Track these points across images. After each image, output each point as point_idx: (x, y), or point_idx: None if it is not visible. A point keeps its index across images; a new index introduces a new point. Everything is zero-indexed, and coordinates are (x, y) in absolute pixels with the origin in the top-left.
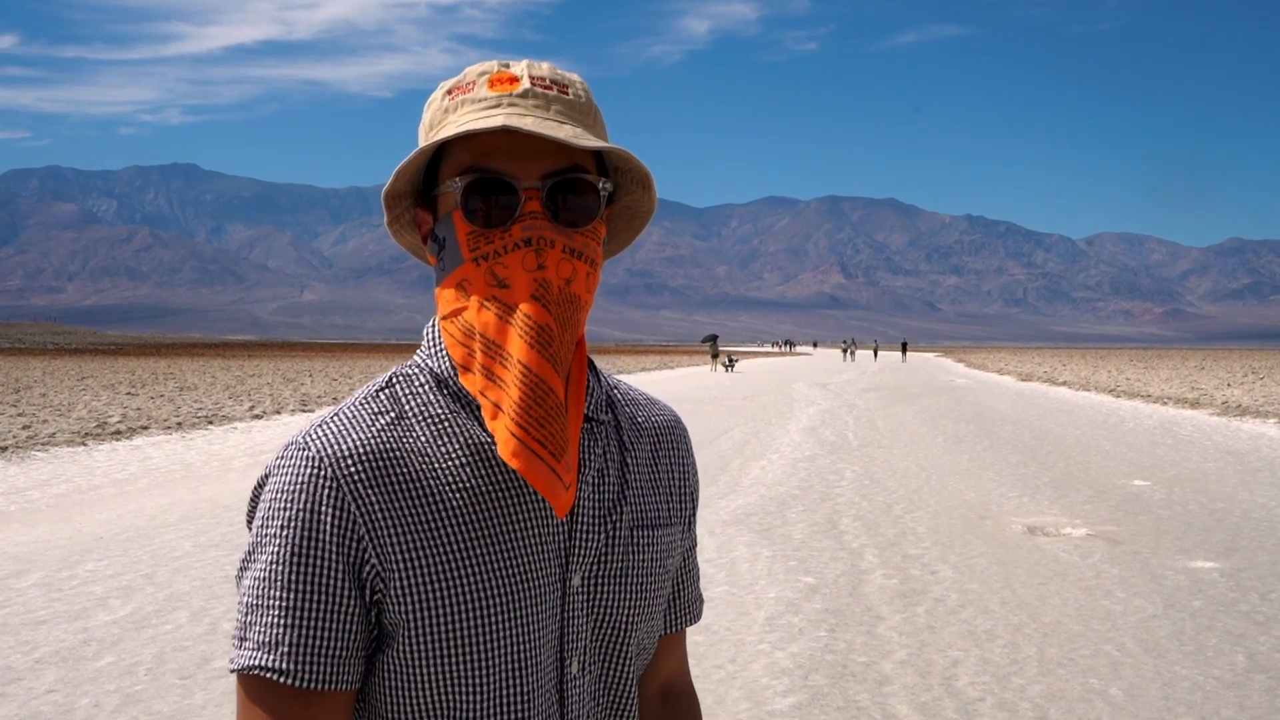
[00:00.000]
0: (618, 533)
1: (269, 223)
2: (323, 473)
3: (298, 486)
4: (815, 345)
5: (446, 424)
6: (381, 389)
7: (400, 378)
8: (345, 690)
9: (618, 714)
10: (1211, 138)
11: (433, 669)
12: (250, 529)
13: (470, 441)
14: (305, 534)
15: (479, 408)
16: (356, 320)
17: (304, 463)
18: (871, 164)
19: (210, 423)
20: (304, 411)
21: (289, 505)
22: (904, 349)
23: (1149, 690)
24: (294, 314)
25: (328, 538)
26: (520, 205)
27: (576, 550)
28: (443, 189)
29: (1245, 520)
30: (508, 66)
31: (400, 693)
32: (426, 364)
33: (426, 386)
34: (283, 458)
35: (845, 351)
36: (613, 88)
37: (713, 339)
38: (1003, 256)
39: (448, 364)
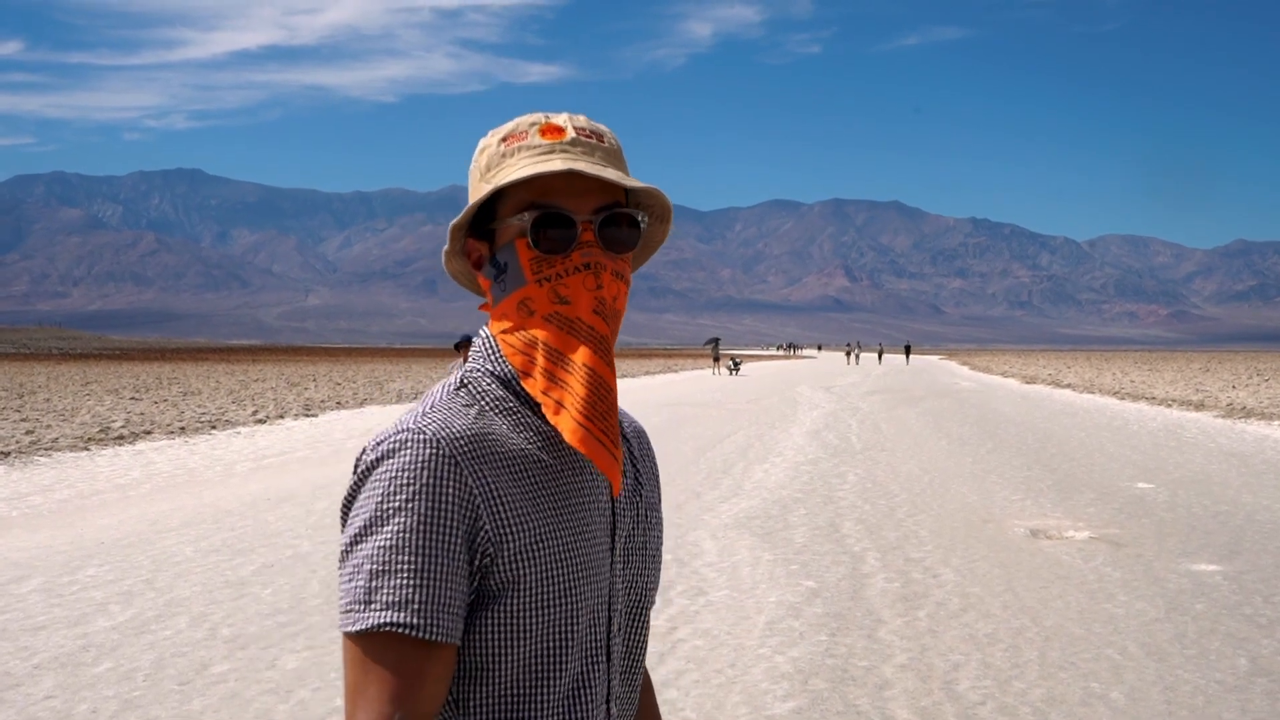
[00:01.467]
0: (638, 511)
1: (273, 227)
2: (440, 452)
3: (420, 465)
4: (820, 348)
5: (518, 415)
6: (459, 389)
7: (469, 379)
8: (456, 642)
9: (634, 672)
10: (1216, 139)
11: (534, 622)
12: (351, 510)
13: (540, 430)
14: (431, 505)
15: (538, 406)
16: (361, 324)
17: (423, 445)
18: (876, 166)
19: (213, 428)
20: (307, 416)
21: (414, 481)
22: (907, 352)
23: (1150, 694)
24: (299, 318)
25: (450, 508)
26: (578, 235)
27: (617, 524)
28: (508, 222)
29: (1249, 522)
30: (552, 118)
31: (500, 645)
32: (487, 368)
33: (494, 386)
34: (396, 443)
35: (849, 354)
36: (616, 91)
37: (714, 341)
38: (1007, 259)
39: (508, 368)
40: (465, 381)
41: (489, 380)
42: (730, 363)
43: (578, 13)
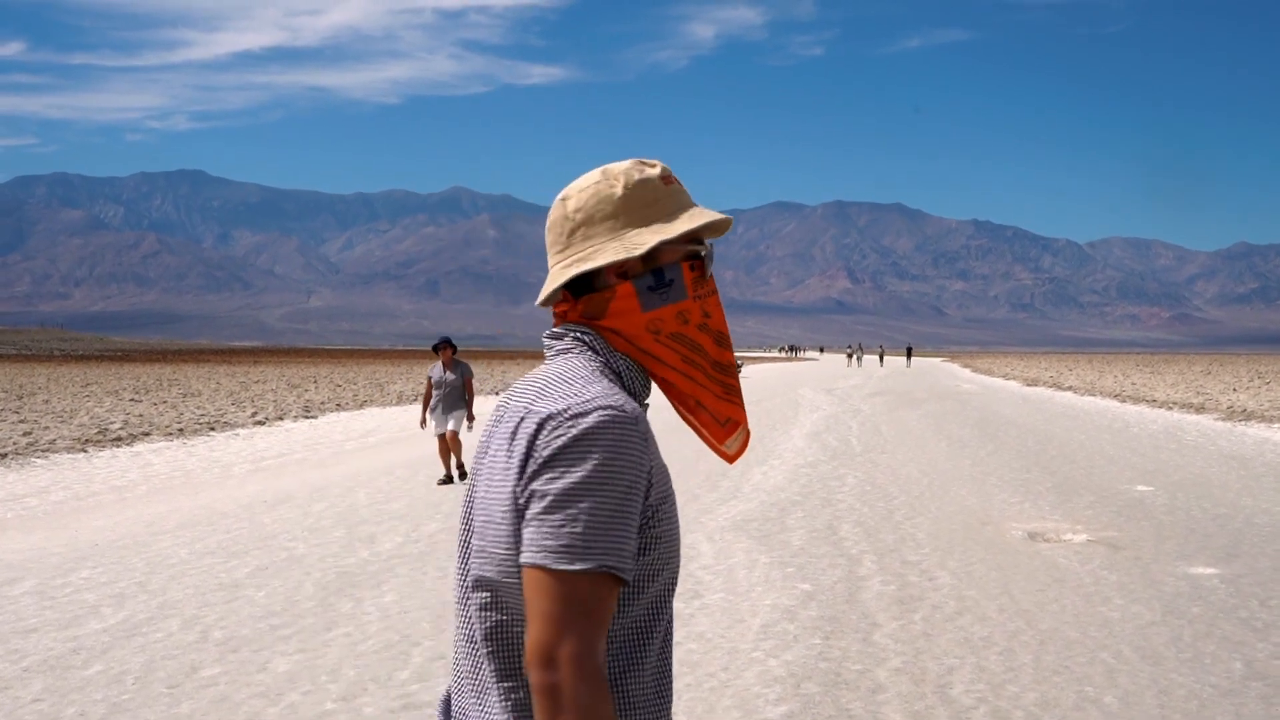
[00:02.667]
0: None
1: (275, 229)
2: (640, 428)
3: (628, 438)
4: (822, 350)
5: (635, 400)
6: (601, 377)
7: (604, 369)
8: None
9: None
10: (1218, 141)
11: (660, 572)
12: (554, 463)
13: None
14: (635, 473)
15: (638, 393)
16: (363, 326)
17: (628, 421)
18: (878, 169)
19: (212, 429)
20: (306, 418)
21: (626, 452)
22: (908, 354)
23: (1144, 698)
24: (301, 320)
25: (641, 475)
26: (710, 265)
27: None
28: (684, 248)
29: (1248, 526)
30: (663, 166)
31: (636, 588)
32: (602, 359)
33: (613, 375)
34: (608, 417)
35: (850, 357)
36: (618, 93)
37: None
38: (1009, 261)
39: (623, 362)
40: (603, 371)
41: (609, 370)
42: None
43: (580, 14)
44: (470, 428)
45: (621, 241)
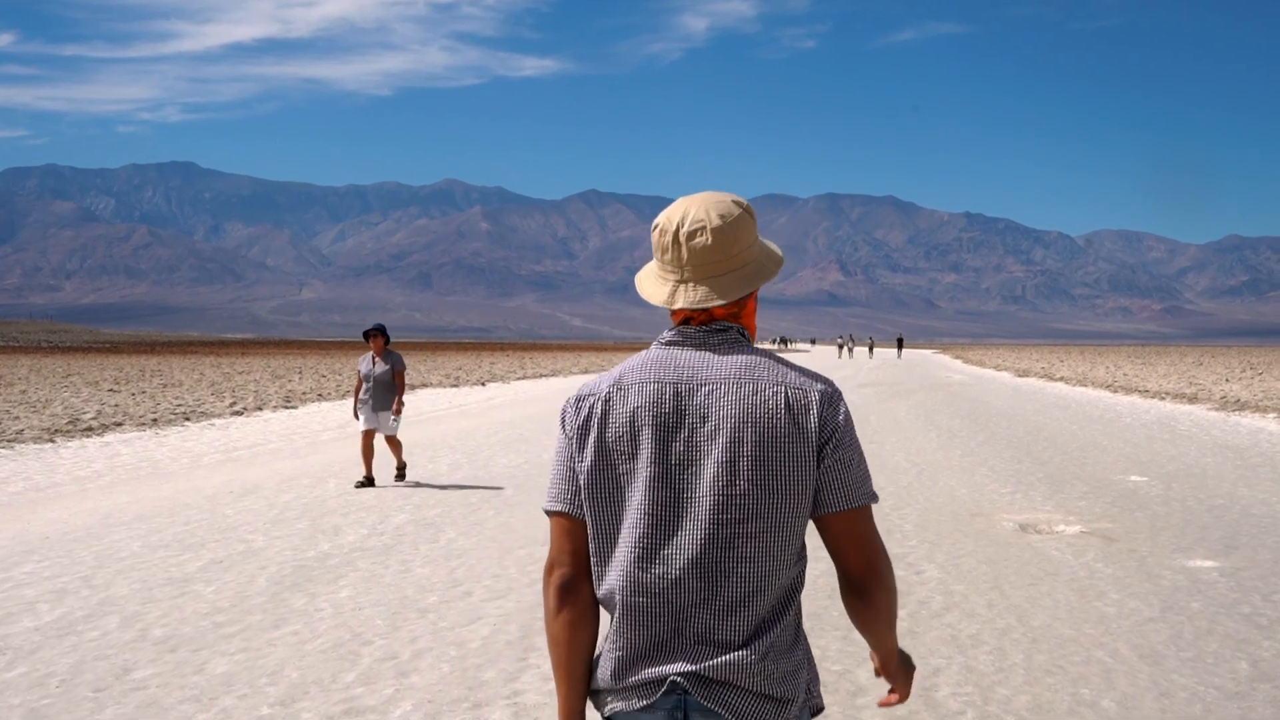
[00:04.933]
0: None
1: (267, 221)
2: None
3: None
4: (813, 342)
5: None
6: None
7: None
8: None
9: None
10: (1210, 135)
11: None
12: (828, 417)
13: None
14: None
15: None
16: (355, 318)
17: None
18: (870, 161)
19: (187, 419)
20: (286, 408)
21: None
22: (899, 345)
23: (1144, 701)
24: (293, 312)
25: None
26: None
27: None
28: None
29: (1245, 517)
30: None
31: None
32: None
33: None
34: (838, 389)
35: (841, 348)
36: (611, 86)
37: None
38: (1001, 254)
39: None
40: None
41: None
42: None
43: (573, 6)
44: (396, 423)
45: (771, 262)
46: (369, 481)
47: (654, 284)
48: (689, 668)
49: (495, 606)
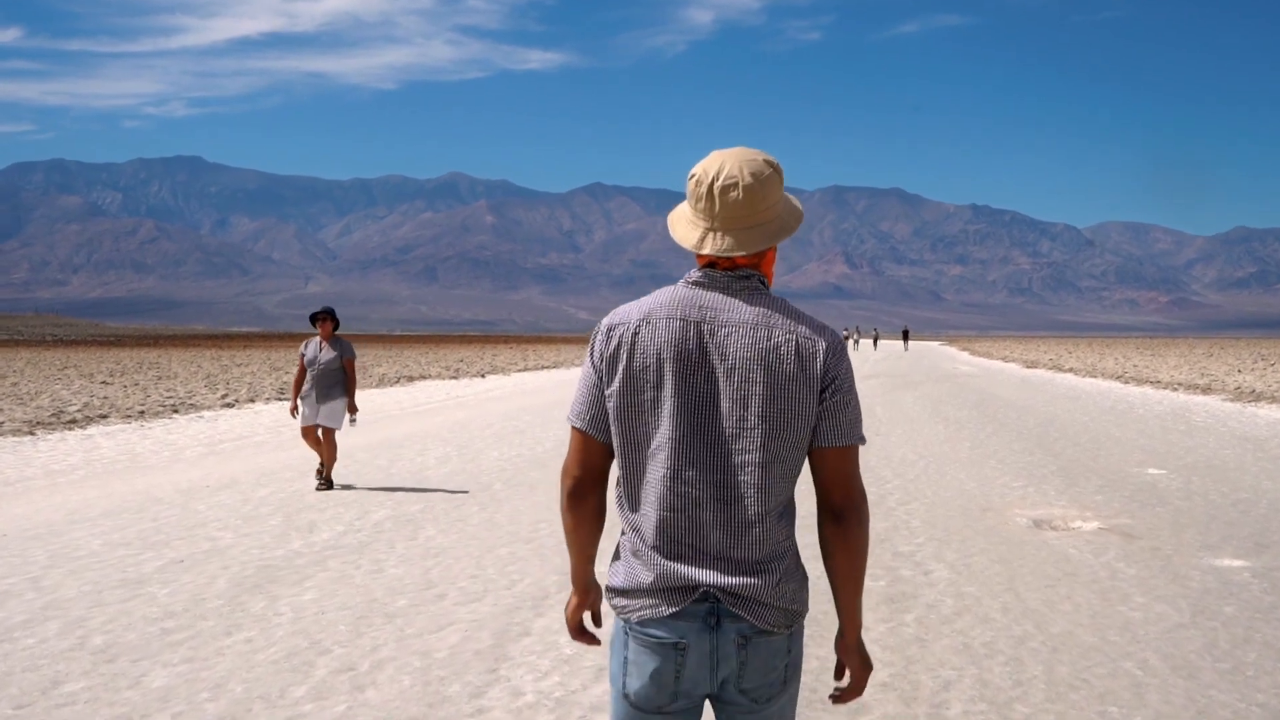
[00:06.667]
0: None
1: (273, 215)
2: None
3: None
4: None
5: None
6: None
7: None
8: None
9: None
10: (1217, 126)
11: None
12: (833, 364)
13: None
14: None
15: None
16: (361, 312)
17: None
18: (876, 154)
19: (176, 411)
20: (280, 400)
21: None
22: (905, 337)
23: None
24: (299, 306)
25: None
26: None
27: None
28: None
29: (1273, 512)
30: None
31: None
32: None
33: None
34: (840, 337)
35: (848, 339)
36: (615, 79)
37: None
38: (1008, 246)
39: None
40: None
41: None
42: None
43: None
44: (353, 421)
45: (793, 219)
46: (327, 482)
47: (686, 228)
48: (719, 580)
49: (468, 611)
